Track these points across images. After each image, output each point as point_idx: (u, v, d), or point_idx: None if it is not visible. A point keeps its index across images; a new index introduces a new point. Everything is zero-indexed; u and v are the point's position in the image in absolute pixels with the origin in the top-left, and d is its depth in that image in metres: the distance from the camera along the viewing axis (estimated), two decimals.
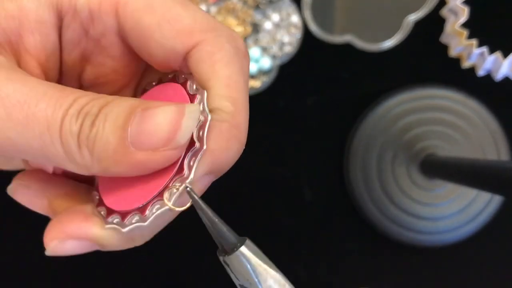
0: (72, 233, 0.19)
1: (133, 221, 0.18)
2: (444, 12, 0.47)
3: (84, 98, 0.17)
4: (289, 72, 0.47)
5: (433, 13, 0.47)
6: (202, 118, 0.18)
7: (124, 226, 0.19)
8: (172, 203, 0.18)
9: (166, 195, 0.18)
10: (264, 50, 0.47)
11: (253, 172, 0.47)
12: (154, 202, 0.18)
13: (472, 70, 0.47)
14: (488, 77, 0.47)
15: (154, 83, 0.22)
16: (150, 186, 0.18)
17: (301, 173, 0.47)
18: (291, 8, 0.47)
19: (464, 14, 0.44)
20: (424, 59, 0.47)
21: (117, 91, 0.22)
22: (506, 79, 0.46)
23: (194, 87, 0.19)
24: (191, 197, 0.18)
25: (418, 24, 0.47)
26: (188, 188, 0.18)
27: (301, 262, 0.47)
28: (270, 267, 0.19)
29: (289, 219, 0.47)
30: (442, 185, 0.45)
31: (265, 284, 0.19)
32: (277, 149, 0.47)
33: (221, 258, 0.19)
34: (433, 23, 0.47)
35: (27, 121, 0.17)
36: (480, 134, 0.45)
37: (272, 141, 0.47)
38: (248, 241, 0.19)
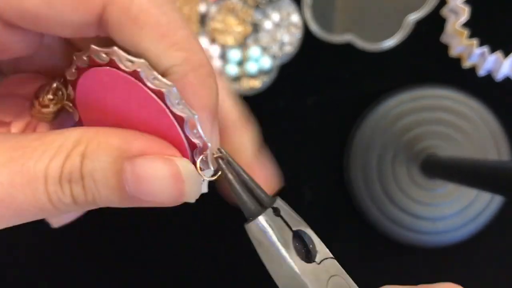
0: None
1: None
2: (445, 11, 0.47)
3: (53, 163, 0.15)
4: (289, 72, 0.47)
5: (434, 12, 0.47)
6: (180, 113, 0.17)
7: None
8: (206, 175, 0.18)
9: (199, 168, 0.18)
10: (264, 50, 0.47)
11: None
12: None
13: (472, 70, 0.47)
14: (489, 77, 0.46)
15: (74, 70, 0.18)
16: None
17: (301, 173, 0.47)
18: (291, 8, 0.47)
19: (464, 13, 0.44)
20: (424, 59, 0.47)
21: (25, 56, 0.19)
22: (506, 79, 0.46)
23: (128, 63, 0.16)
24: (219, 165, 0.18)
25: (419, 24, 0.47)
26: (219, 154, 0.18)
27: None
28: (285, 246, 0.18)
29: None
30: (442, 185, 0.45)
31: (271, 265, 0.18)
32: (277, 149, 0.47)
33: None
34: (434, 23, 0.47)
35: (20, 213, 0.15)
36: (480, 134, 0.45)
37: (272, 141, 0.47)
38: (263, 215, 0.18)
